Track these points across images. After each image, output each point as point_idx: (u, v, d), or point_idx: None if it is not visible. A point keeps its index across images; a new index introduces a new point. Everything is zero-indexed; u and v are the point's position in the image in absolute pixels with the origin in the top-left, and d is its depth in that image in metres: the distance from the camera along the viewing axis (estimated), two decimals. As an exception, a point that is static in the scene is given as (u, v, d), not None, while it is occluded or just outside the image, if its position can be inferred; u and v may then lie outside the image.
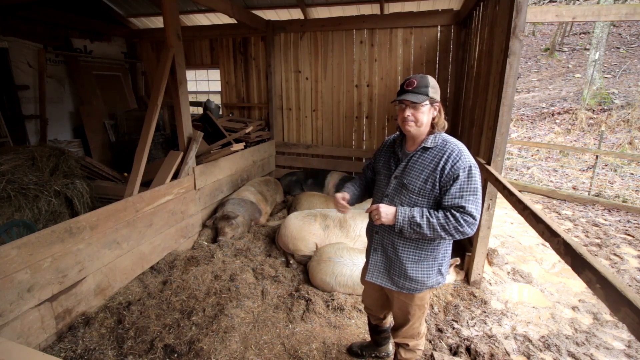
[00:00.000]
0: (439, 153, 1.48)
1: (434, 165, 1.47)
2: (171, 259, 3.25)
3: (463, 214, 1.40)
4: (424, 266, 1.56)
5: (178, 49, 3.26)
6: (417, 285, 1.58)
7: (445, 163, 1.45)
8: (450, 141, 1.51)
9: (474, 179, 1.43)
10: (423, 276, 1.56)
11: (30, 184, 2.97)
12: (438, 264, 1.59)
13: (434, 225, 1.41)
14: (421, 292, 1.62)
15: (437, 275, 1.60)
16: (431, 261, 1.57)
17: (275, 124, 5.74)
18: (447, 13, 4.52)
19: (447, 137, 1.53)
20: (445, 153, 1.46)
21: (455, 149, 1.46)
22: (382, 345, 2.15)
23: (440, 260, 1.59)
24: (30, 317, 2.11)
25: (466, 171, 1.42)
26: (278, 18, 5.41)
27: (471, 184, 1.42)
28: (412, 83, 1.45)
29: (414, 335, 1.76)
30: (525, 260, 3.56)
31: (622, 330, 2.52)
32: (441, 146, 1.49)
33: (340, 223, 3.38)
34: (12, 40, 4.59)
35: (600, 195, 5.49)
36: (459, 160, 1.43)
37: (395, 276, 1.62)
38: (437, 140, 1.51)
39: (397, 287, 1.62)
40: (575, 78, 11.85)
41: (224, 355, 2.17)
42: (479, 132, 3.16)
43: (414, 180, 1.51)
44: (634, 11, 3.31)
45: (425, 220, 1.42)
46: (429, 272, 1.57)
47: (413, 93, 1.44)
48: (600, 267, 1.15)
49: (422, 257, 1.55)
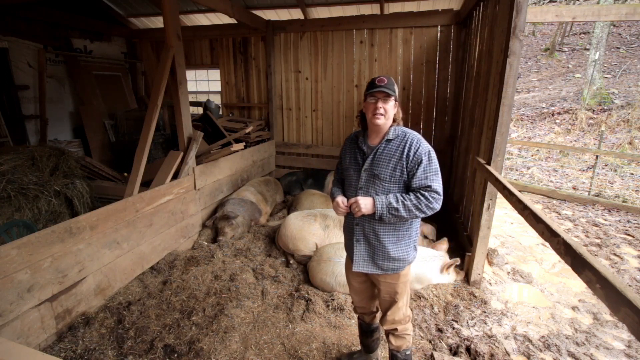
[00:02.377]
0: (402, 143, 1.66)
1: (399, 154, 1.65)
2: (171, 259, 3.25)
3: (430, 192, 1.60)
4: (402, 244, 1.74)
5: (178, 49, 3.26)
6: (400, 264, 1.75)
7: (409, 151, 1.64)
8: (408, 132, 1.71)
9: (433, 161, 1.64)
10: (403, 254, 1.74)
11: (30, 184, 2.97)
12: (413, 241, 1.79)
13: (408, 206, 1.60)
14: (404, 269, 1.78)
15: (413, 251, 1.80)
16: (407, 239, 1.75)
17: (275, 124, 5.74)
18: (447, 13, 4.52)
19: (404, 129, 1.73)
20: (407, 142, 1.66)
21: (414, 138, 1.67)
22: (372, 351, 2.15)
23: (414, 237, 1.80)
24: (30, 317, 2.11)
25: (427, 155, 1.62)
26: (278, 18, 5.41)
27: (432, 165, 1.63)
28: (382, 80, 1.63)
29: (401, 320, 1.84)
30: (525, 260, 3.56)
31: (622, 330, 2.52)
32: (402, 137, 1.68)
33: (340, 223, 3.38)
34: (12, 40, 4.59)
35: (600, 195, 5.49)
36: (419, 146, 1.63)
37: (379, 260, 1.76)
38: (397, 132, 1.70)
39: (382, 270, 1.77)
40: (575, 78, 11.84)
41: (224, 355, 2.17)
42: (479, 132, 3.16)
43: (384, 169, 1.67)
44: (634, 11, 3.31)
45: (400, 204, 1.60)
46: (407, 249, 1.76)
47: (385, 87, 1.61)
48: (600, 267, 1.15)
49: (400, 237, 1.73)
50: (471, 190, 3.36)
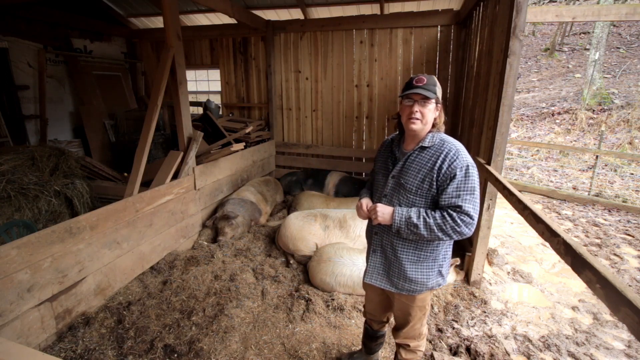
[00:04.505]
0: (437, 152, 1.46)
1: (431, 165, 1.45)
2: (171, 259, 3.25)
3: (460, 213, 1.39)
4: (423, 267, 1.54)
5: (178, 49, 3.26)
6: (417, 287, 1.56)
7: (443, 162, 1.43)
8: (448, 140, 1.49)
9: (471, 178, 1.41)
10: (423, 277, 1.54)
11: (30, 184, 2.97)
12: (438, 265, 1.56)
13: (430, 225, 1.40)
14: (422, 294, 1.60)
15: (437, 277, 1.57)
16: (431, 262, 1.54)
17: (275, 124, 5.74)
18: (447, 13, 4.52)
19: (444, 137, 1.51)
20: (443, 152, 1.45)
21: (452, 148, 1.45)
22: (373, 353, 2.09)
23: (440, 261, 1.56)
24: (30, 317, 2.11)
25: (463, 170, 1.40)
26: (278, 18, 5.41)
27: (468, 183, 1.40)
28: (422, 80, 1.45)
29: (415, 336, 1.74)
30: (525, 260, 3.56)
31: (622, 330, 2.52)
32: (439, 145, 1.48)
33: (340, 223, 3.38)
34: (12, 40, 4.59)
35: (600, 195, 5.49)
36: (456, 159, 1.42)
37: (394, 278, 1.59)
38: (434, 140, 1.49)
39: (397, 288, 1.60)
40: (575, 78, 11.84)
41: (224, 355, 2.17)
42: (479, 132, 3.16)
43: (411, 179, 1.49)
44: (634, 11, 3.32)
45: (422, 220, 1.41)
46: (429, 274, 1.55)
47: (424, 89, 1.43)
48: (600, 267, 1.15)
49: (422, 257, 1.53)
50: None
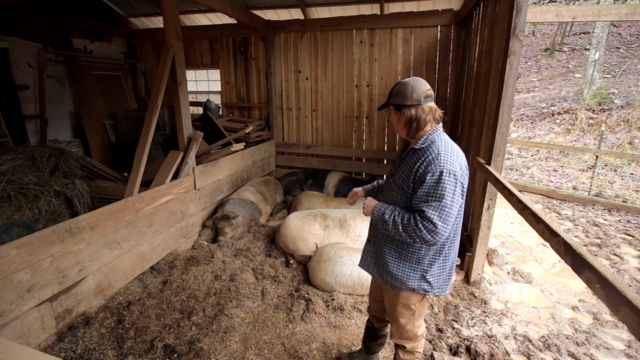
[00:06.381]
0: (422, 155, 1.46)
1: (413, 167, 1.48)
2: (171, 259, 3.25)
3: (423, 219, 1.38)
4: (405, 266, 1.58)
5: (178, 49, 3.26)
6: (397, 283, 1.61)
7: (420, 165, 1.44)
8: (435, 144, 1.46)
9: (442, 185, 1.37)
10: (403, 275, 1.58)
11: (30, 184, 2.97)
12: (422, 270, 1.56)
13: (397, 225, 1.43)
14: (404, 291, 1.62)
15: (420, 280, 1.57)
16: (414, 264, 1.57)
17: (275, 124, 5.74)
18: (447, 13, 4.52)
19: (436, 140, 1.48)
20: (424, 155, 1.45)
21: (433, 152, 1.42)
22: (373, 353, 2.10)
23: (425, 266, 1.56)
24: (30, 317, 2.11)
25: (435, 175, 1.38)
26: (278, 18, 5.41)
27: (438, 189, 1.37)
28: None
29: (410, 338, 1.75)
30: (525, 260, 3.56)
31: (622, 330, 2.52)
32: (426, 148, 1.47)
33: (340, 223, 3.38)
34: (12, 40, 4.59)
35: (600, 195, 5.49)
36: (431, 163, 1.40)
37: (380, 269, 1.69)
38: (426, 142, 1.49)
39: (382, 279, 1.69)
40: (575, 78, 11.84)
41: (224, 355, 2.17)
42: (479, 132, 3.16)
43: (399, 179, 1.56)
44: (634, 11, 3.32)
45: (391, 218, 1.46)
46: (410, 274, 1.57)
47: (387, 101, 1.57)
48: (600, 267, 1.15)
49: (403, 256, 1.58)
50: (471, 190, 3.36)
